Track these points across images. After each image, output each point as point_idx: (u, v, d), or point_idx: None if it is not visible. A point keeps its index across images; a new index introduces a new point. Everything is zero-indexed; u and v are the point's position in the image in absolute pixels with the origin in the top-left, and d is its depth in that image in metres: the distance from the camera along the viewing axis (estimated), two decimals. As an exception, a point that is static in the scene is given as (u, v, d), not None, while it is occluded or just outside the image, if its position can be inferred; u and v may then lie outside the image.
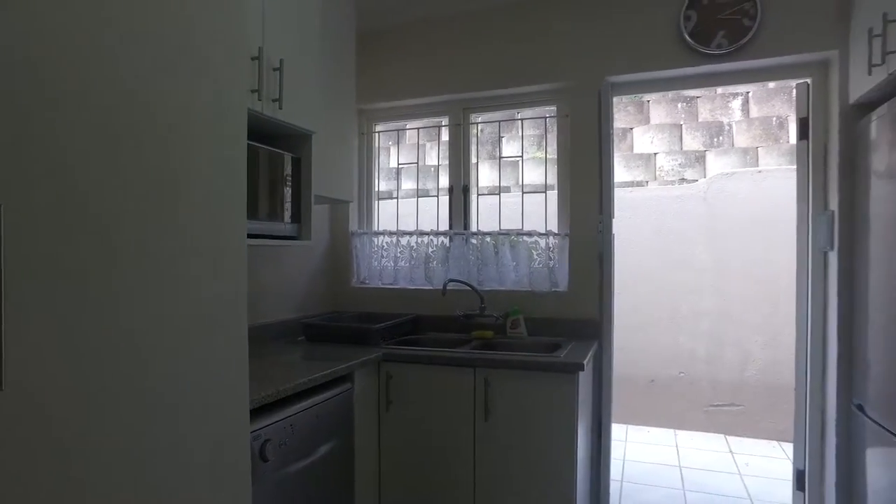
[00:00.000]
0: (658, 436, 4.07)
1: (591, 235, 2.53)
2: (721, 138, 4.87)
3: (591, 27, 2.53)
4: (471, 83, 2.72)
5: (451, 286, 2.57)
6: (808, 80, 2.36)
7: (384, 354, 2.15)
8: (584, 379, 2.12)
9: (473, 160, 2.87)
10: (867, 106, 2.09)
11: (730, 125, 4.87)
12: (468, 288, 2.57)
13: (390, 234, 2.83)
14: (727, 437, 4.06)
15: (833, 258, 2.27)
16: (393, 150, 3.44)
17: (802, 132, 2.41)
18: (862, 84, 2.04)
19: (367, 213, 2.97)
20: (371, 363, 2.07)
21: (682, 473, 3.36)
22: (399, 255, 2.79)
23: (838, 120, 2.23)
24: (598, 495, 2.49)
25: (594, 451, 2.47)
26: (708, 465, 3.50)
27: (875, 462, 1.95)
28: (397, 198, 3.04)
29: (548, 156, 2.80)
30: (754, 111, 4.76)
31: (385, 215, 2.99)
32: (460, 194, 2.83)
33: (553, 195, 2.71)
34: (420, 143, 3.11)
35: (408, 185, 3.87)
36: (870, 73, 1.93)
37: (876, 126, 1.96)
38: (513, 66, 2.64)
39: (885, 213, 1.88)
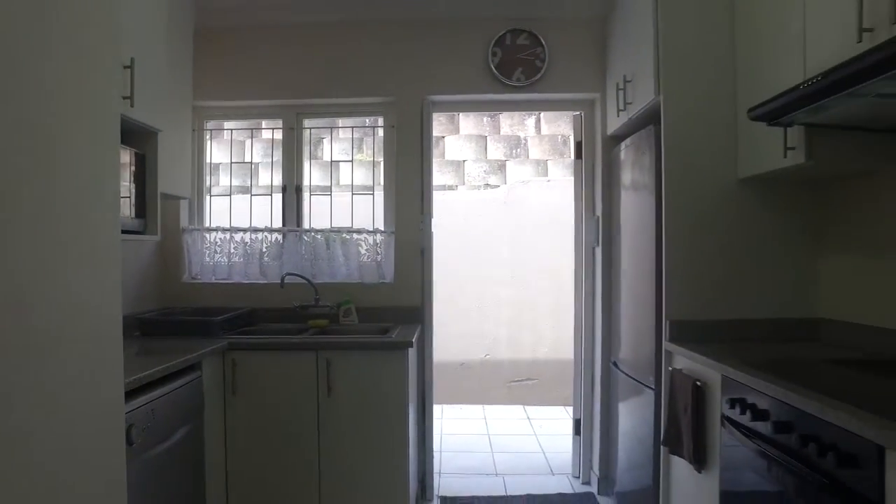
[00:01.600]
0: (468, 412, 4.62)
1: (414, 233, 2.89)
2: (519, 150, 5.63)
3: (415, 51, 2.89)
4: (305, 90, 2.91)
5: (288, 279, 2.73)
6: (581, 113, 3.00)
7: (229, 343, 2.26)
8: (411, 358, 2.46)
9: (306, 162, 3.06)
10: (619, 137, 2.76)
11: (526, 139, 5.66)
12: (304, 281, 2.76)
13: (224, 230, 2.88)
14: (525, 406, 4.76)
15: (599, 252, 2.93)
16: (225, 148, 3.45)
17: (578, 153, 3.05)
18: (614, 121, 2.70)
19: (198, 210, 2.98)
20: (217, 352, 2.17)
21: (490, 440, 3.90)
22: (233, 250, 2.86)
23: (601, 146, 2.90)
24: (424, 462, 2.85)
25: (419, 425, 2.84)
26: (510, 430, 4.11)
27: (625, 402, 2.60)
28: (230, 194, 3.10)
29: (375, 160, 3.09)
30: (545, 129, 5.60)
31: (217, 212, 3.02)
32: (293, 193, 2.99)
33: (380, 196, 3.01)
34: (251, 141, 3.20)
35: (237, 183, 3.87)
36: (618, 115, 2.58)
37: (623, 153, 2.62)
38: (345, 78, 2.89)
39: (630, 216, 2.53)
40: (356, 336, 2.52)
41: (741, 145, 2.09)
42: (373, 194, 3.02)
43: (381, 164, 3.03)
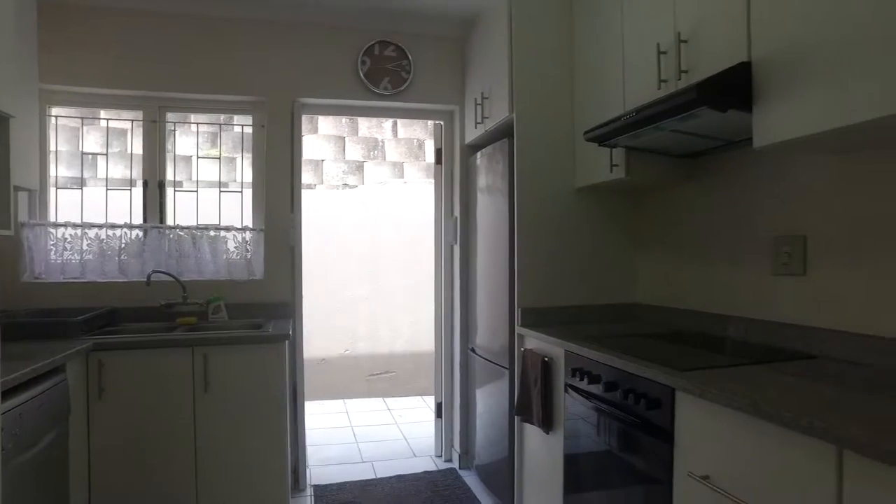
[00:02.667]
0: (330, 406, 4.72)
1: (284, 230, 2.96)
2: (377, 151, 5.83)
3: (287, 54, 2.95)
4: (168, 83, 2.83)
5: (154, 277, 2.65)
6: (442, 123, 3.29)
7: (94, 344, 2.16)
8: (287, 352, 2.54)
9: (169, 156, 2.96)
10: (476, 146, 3.09)
11: (383, 141, 5.87)
12: (171, 279, 2.70)
13: (74, 226, 2.70)
14: (385, 399, 4.98)
15: (457, 250, 3.24)
16: (74, 137, 3.18)
17: (438, 159, 3.34)
18: (472, 132, 3.02)
19: (41, 204, 2.74)
20: (81, 353, 2.07)
21: (353, 431, 4.05)
22: (87, 247, 2.69)
23: (459, 153, 3.21)
24: (298, 454, 2.93)
25: (291, 417, 2.91)
26: (372, 422, 4.30)
27: (482, 384, 2.93)
28: (81, 188, 2.89)
29: (232, 156, 3.09)
30: (402, 132, 5.86)
31: (66, 205, 2.81)
32: (155, 189, 2.89)
33: (248, 194, 3.02)
34: (106, 132, 3.01)
35: (88, 175, 3.54)
36: (476, 126, 2.91)
37: (480, 161, 2.95)
38: (214, 74, 2.86)
39: (486, 218, 2.86)
40: (234, 331, 2.53)
41: (577, 160, 2.51)
42: (241, 192, 3.02)
43: (240, 160, 3.04)
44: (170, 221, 2.90)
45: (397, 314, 5.19)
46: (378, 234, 5.21)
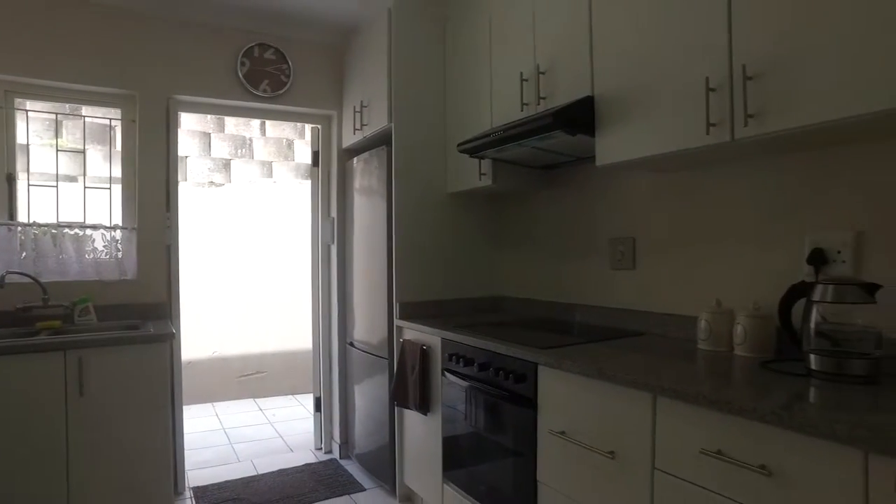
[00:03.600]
0: (197, 411, 4.57)
1: (159, 229, 2.89)
2: (244, 150, 5.71)
3: (163, 49, 2.87)
4: (17, 66, 2.62)
5: (8, 279, 2.46)
6: (319, 126, 3.40)
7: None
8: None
9: (20, 147, 2.75)
10: (354, 151, 3.26)
11: (251, 140, 5.76)
12: (27, 280, 2.52)
13: None
14: (256, 399, 4.93)
15: (334, 249, 3.37)
16: None
17: (315, 161, 3.44)
18: (350, 138, 3.18)
19: None
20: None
21: (227, 434, 4.00)
22: (-80, 248, 2.43)
23: (337, 156, 3.35)
24: (175, 457, 2.87)
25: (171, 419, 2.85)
26: (245, 422, 4.26)
27: (362, 375, 3.10)
28: None
29: (112, 152, 2.96)
30: (270, 132, 5.80)
31: None
32: (4, 183, 2.67)
33: (118, 190, 2.90)
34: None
35: None
36: (354, 133, 3.08)
37: (357, 165, 3.12)
38: (77, 63, 2.70)
39: (364, 219, 3.04)
40: (109, 332, 2.43)
41: (449, 168, 2.78)
42: (109, 188, 2.89)
43: (103, 155, 2.92)
44: (23, 218, 2.70)
45: (268, 314, 5.16)
46: (248, 233, 5.13)
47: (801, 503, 1.08)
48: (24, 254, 2.61)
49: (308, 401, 4.74)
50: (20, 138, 2.75)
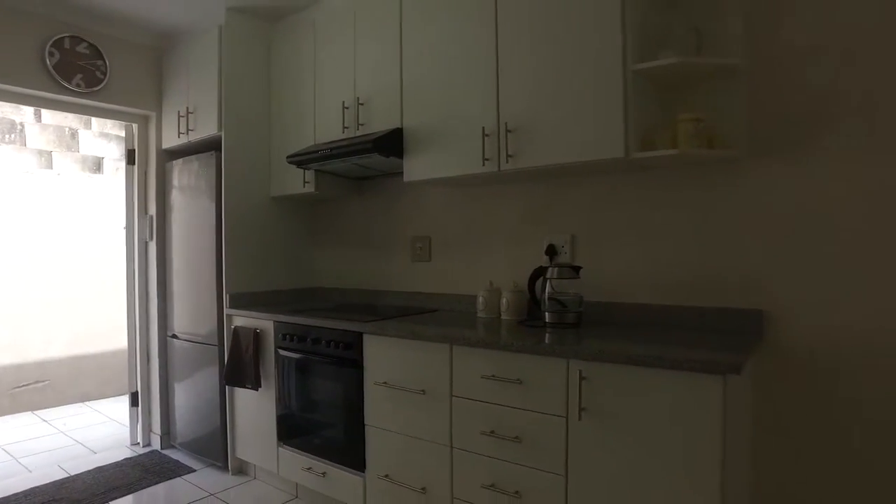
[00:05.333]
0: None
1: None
2: (14, 136, 5.15)
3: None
4: None
5: None
6: (135, 125, 3.45)
7: None
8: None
9: None
10: (176, 153, 3.40)
11: (22, 125, 5.21)
12: None
13: None
14: (37, 412, 4.51)
15: (153, 246, 3.46)
16: None
17: (130, 159, 3.48)
18: (172, 140, 3.32)
19: None
20: None
21: (5, 450, 3.62)
22: None
23: (156, 156, 3.44)
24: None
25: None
26: (29, 436, 3.90)
27: (188, 364, 3.27)
28: None
29: None
30: (47, 118, 5.31)
31: None
32: None
33: None
34: None
35: None
36: (179, 136, 3.24)
37: (177, 166, 3.28)
38: None
39: (190, 218, 3.22)
40: None
41: (273, 175, 3.13)
42: None
43: None
44: None
45: (54, 315, 4.77)
46: (23, 229, 4.68)
47: (539, 397, 1.79)
48: None
49: (104, 406, 4.59)
50: None
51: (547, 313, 2.16)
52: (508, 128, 2.14)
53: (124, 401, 4.42)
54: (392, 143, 2.46)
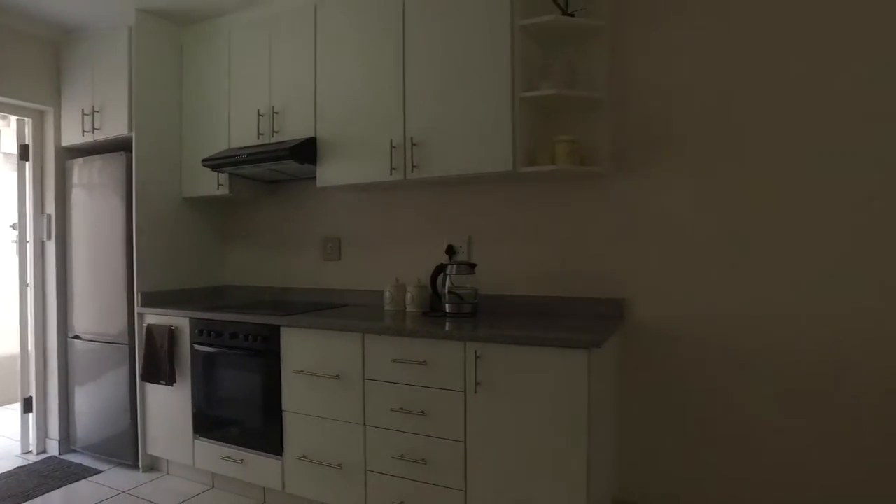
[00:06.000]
0: None
1: None
2: None
3: None
4: None
5: None
6: (29, 119, 3.35)
7: None
8: None
9: None
10: (79, 151, 3.35)
11: None
12: None
13: None
14: None
15: (51, 245, 3.38)
16: None
17: (24, 155, 3.37)
18: (75, 138, 3.27)
19: None
20: None
21: None
22: None
23: (55, 152, 3.36)
24: None
25: None
26: None
27: (94, 365, 3.25)
28: None
29: None
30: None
31: None
32: None
33: None
34: None
35: None
36: (83, 135, 3.21)
37: (77, 164, 3.25)
38: None
39: (97, 217, 3.20)
40: None
41: (185, 177, 3.20)
42: None
43: None
44: None
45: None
46: None
47: (441, 375, 2.09)
48: None
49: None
50: None
51: (447, 305, 2.47)
52: (414, 141, 2.42)
53: (14, 409, 4.21)
54: (307, 150, 2.66)
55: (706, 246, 2.26)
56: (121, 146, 3.14)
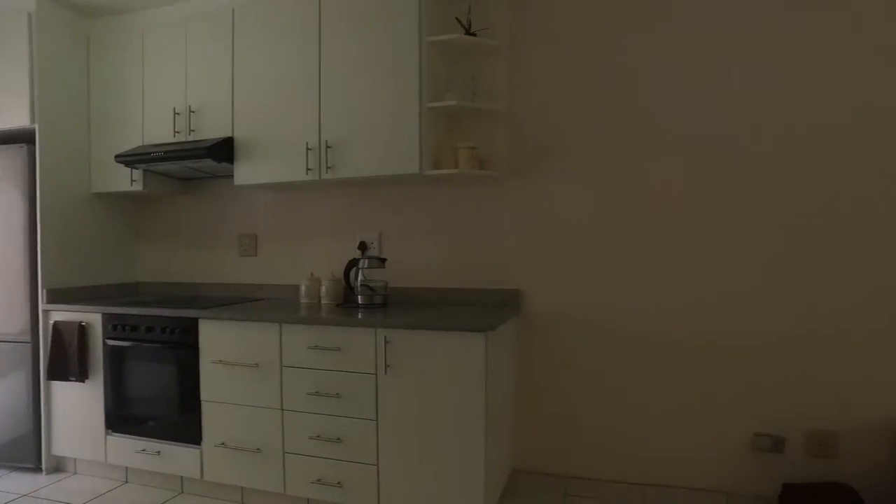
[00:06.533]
0: None
1: None
2: None
3: None
4: None
5: None
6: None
7: None
8: None
9: None
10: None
11: None
12: None
13: None
14: None
15: (-59, 242, 3.22)
16: None
17: None
18: (-29, 129, 3.15)
19: None
20: None
21: None
22: None
23: (-55, 146, 3.21)
24: None
25: None
26: None
27: (-13, 367, 3.14)
28: None
29: None
30: None
31: None
32: None
33: None
34: None
35: None
36: (-19, 126, 3.10)
37: (-18, 158, 3.14)
38: None
39: (-7, 213, 3.10)
40: None
41: (94, 172, 3.17)
42: None
43: None
44: None
45: None
46: None
47: (355, 360, 2.29)
48: None
49: None
50: None
51: (359, 297, 2.67)
52: (329, 144, 2.60)
53: None
54: (225, 150, 2.76)
55: (589, 241, 2.61)
56: (20, 138, 3.07)
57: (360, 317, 2.33)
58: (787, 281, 2.40)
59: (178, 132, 2.92)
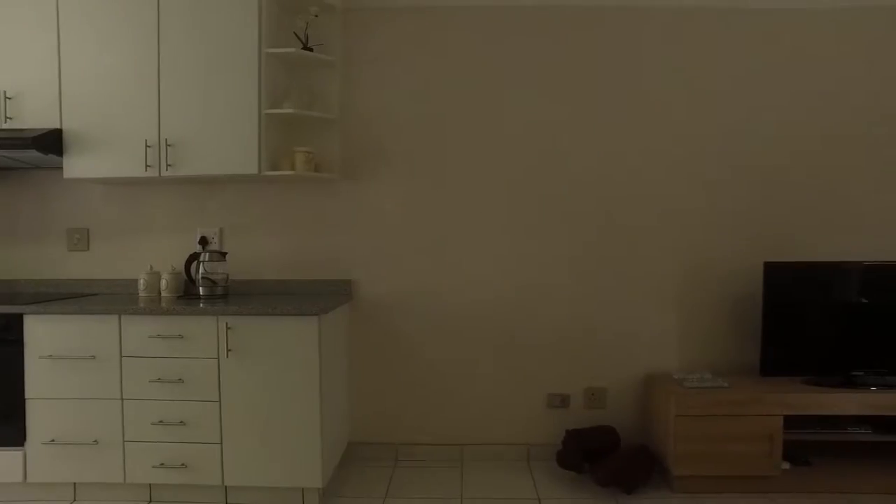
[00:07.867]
0: None
1: None
2: None
3: None
4: None
5: None
6: None
7: None
8: None
9: None
10: None
11: None
12: None
13: None
14: None
15: None
16: None
17: None
18: None
19: None
20: None
21: None
22: None
23: None
24: None
25: None
26: None
27: None
28: None
29: None
30: None
31: None
32: None
33: None
34: None
35: None
36: None
37: None
38: None
39: None
40: None
41: None
42: None
43: None
44: None
45: None
46: None
47: (197, 346, 2.45)
48: None
49: None
50: None
51: (201, 289, 2.81)
52: (168, 142, 2.70)
53: None
54: (52, 141, 2.70)
55: (407, 236, 3.03)
56: None
57: (201, 306, 2.49)
58: (559, 274, 3.03)
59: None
